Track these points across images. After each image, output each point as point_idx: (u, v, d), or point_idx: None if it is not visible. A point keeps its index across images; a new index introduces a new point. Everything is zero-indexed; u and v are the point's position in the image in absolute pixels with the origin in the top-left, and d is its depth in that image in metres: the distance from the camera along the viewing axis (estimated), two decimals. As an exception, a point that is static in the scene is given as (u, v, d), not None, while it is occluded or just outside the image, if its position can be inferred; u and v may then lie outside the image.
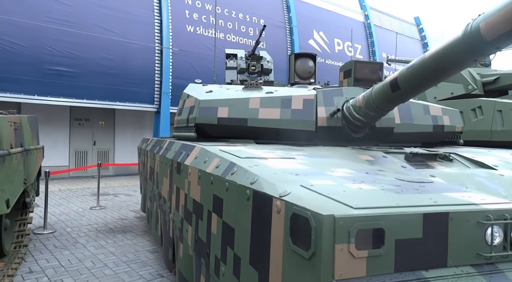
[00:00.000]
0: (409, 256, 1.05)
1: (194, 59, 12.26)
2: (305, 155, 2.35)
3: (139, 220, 6.09)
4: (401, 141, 3.47)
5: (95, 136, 12.10)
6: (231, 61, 5.60)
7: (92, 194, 8.43)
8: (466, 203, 1.18)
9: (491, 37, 1.69)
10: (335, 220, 0.97)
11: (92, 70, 10.33)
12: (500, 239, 1.15)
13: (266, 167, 1.72)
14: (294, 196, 1.18)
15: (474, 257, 1.12)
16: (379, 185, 1.42)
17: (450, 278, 1.06)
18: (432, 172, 2.49)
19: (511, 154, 3.17)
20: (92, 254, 4.33)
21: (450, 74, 2.14)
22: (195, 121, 3.34)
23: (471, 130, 5.76)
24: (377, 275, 1.01)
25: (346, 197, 1.17)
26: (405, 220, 1.04)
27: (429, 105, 3.65)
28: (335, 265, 0.97)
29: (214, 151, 2.27)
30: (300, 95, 3.30)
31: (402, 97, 2.52)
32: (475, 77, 6.59)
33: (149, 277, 3.69)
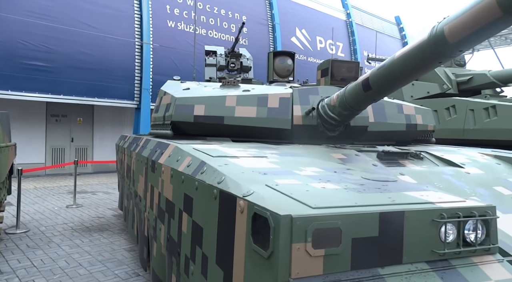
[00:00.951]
0: (365, 254, 1.08)
1: (175, 55, 12.13)
2: (278, 153, 2.38)
3: (116, 218, 6.02)
4: (375, 139, 3.54)
5: (73, 133, 11.84)
6: (210, 58, 5.58)
7: (69, 192, 8.26)
8: (423, 201, 1.23)
9: (454, 40, 1.74)
10: (292, 220, 0.99)
11: (70, 65, 10.09)
12: (453, 236, 1.20)
13: (235, 166, 1.73)
14: (256, 196, 1.20)
15: (428, 254, 1.16)
16: (343, 184, 1.45)
17: (404, 274, 1.10)
18: (402, 170, 2.56)
19: (479, 152, 3.28)
20: (66, 253, 4.25)
21: (418, 75, 2.19)
22: (171, 119, 3.32)
23: (445, 129, 5.93)
24: (333, 273, 1.04)
25: (307, 196, 1.19)
26: (362, 219, 1.07)
27: (402, 104, 3.73)
28: (292, 264, 0.99)
29: (187, 149, 2.27)
30: (276, 94, 3.32)
31: (374, 97, 2.57)
32: (450, 77, 6.77)
33: (125, 276, 3.66)
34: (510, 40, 27.27)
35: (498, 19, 1.53)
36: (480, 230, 1.24)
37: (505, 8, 1.46)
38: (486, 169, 2.77)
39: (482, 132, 5.29)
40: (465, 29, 1.67)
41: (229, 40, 13.76)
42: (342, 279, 1.03)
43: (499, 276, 1.18)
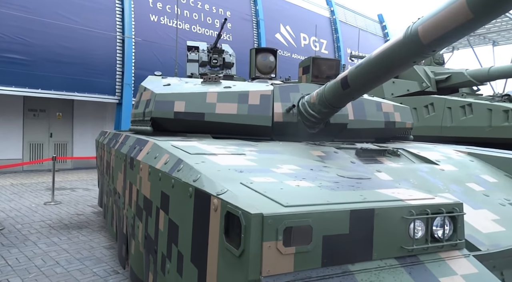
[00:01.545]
0: (336, 251, 1.10)
1: (158, 50, 11.96)
2: (256, 150, 2.38)
3: (96, 215, 5.92)
4: (355, 137, 3.59)
5: (51, 128, 11.56)
6: (192, 54, 5.52)
7: (48, 188, 8.07)
8: (393, 199, 1.25)
9: (427, 40, 1.78)
10: (264, 219, 1.00)
11: (48, 59, 9.82)
12: (422, 232, 1.23)
13: (212, 164, 1.73)
14: (230, 194, 1.20)
15: (398, 250, 1.19)
16: (318, 182, 1.46)
17: (373, 270, 1.12)
18: (379, 167, 2.61)
19: (454, 149, 3.37)
20: (43, 251, 4.17)
21: (394, 73, 2.23)
22: (151, 115, 3.29)
23: (424, 126, 6.06)
24: (304, 270, 1.05)
25: (280, 194, 1.20)
26: (333, 217, 1.09)
27: (381, 102, 3.78)
28: (263, 262, 1.00)
29: (165, 146, 2.25)
30: (257, 91, 3.32)
31: (352, 95, 2.60)
32: (429, 75, 6.91)
33: (104, 274, 3.61)
34: (488, 40, 27.98)
35: (469, 21, 1.57)
36: (448, 226, 1.28)
37: (475, 11, 1.50)
38: (460, 166, 2.86)
39: (459, 129, 5.43)
40: (438, 30, 1.70)
41: (213, 35, 13.65)
42: (312, 276, 1.05)
43: (465, 270, 1.22)
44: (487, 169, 2.90)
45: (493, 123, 4.97)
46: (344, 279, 1.07)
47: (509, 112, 4.83)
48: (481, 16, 1.51)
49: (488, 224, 2.04)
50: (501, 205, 2.31)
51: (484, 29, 27.30)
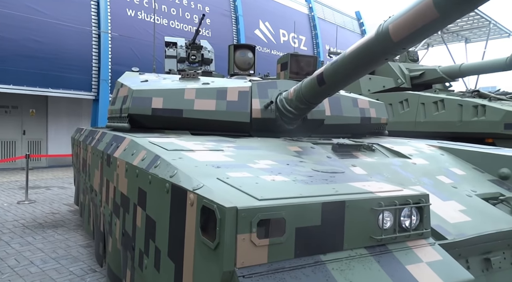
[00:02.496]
0: (308, 242, 1.14)
1: (136, 46, 11.75)
2: (234, 146, 2.40)
3: (72, 213, 5.81)
4: (332, 132, 3.66)
5: (24, 125, 11.20)
6: (170, 50, 5.47)
7: (21, 187, 7.84)
8: (363, 191, 1.30)
9: (397, 38, 1.84)
10: (238, 212, 1.03)
11: (20, 54, 9.48)
12: (390, 223, 1.29)
13: (189, 159, 1.74)
14: (206, 189, 1.22)
15: (368, 240, 1.25)
16: (293, 176, 1.50)
17: (344, 260, 1.17)
18: (354, 162, 2.68)
19: (426, 144, 3.49)
20: (16, 251, 4.07)
21: (367, 70, 2.29)
22: (128, 111, 3.25)
23: (399, 122, 6.23)
24: (278, 262, 1.09)
25: (255, 189, 1.23)
26: (305, 209, 1.13)
27: (357, 98, 3.87)
28: (237, 254, 1.03)
29: (142, 143, 2.24)
30: (236, 87, 3.34)
31: (328, 91, 2.65)
32: (404, 72, 7.09)
33: (80, 273, 3.56)
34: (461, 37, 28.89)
35: (435, 20, 1.63)
36: (415, 217, 1.34)
37: (441, 10, 1.57)
38: (431, 160, 2.97)
39: (432, 124, 5.62)
40: (407, 28, 1.76)
41: (192, 31, 13.52)
42: (285, 266, 1.09)
43: (430, 258, 1.29)
44: (456, 162, 3.02)
45: (463, 118, 5.17)
46: (316, 269, 1.11)
47: (478, 108, 5.03)
48: (447, 15, 1.58)
49: (455, 215, 2.14)
50: (468, 196, 2.42)
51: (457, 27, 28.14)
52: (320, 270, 1.11)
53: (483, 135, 5.02)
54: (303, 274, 1.08)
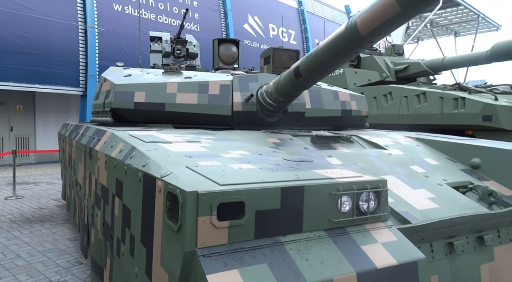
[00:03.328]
0: (268, 224, 1.21)
1: (123, 41, 11.68)
2: (213, 138, 2.47)
3: (60, 208, 5.83)
4: (313, 125, 3.74)
5: (12, 122, 11.11)
6: (155, 44, 5.49)
7: (9, 183, 7.81)
8: (323, 177, 1.38)
9: (364, 32, 1.91)
10: (198, 196, 1.09)
11: (4, 49, 9.38)
12: (349, 206, 1.37)
13: (164, 150, 1.80)
14: (173, 176, 1.29)
15: (326, 222, 1.32)
16: (261, 164, 1.57)
17: (302, 241, 1.25)
18: (331, 153, 2.76)
19: (404, 135, 3.59)
20: (3, 245, 4.09)
21: (340, 63, 2.36)
22: (111, 106, 3.29)
23: (383, 114, 6.34)
24: (238, 242, 1.16)
25: (220, 175, 1.30)
26: (265, 194, 1.20)
27: (338, 91, 3.95)
28: (198, 235, 1.09)
29: (121, 135, 2.29)
30: (217, 81, 3.39)
31: (305, 84, 2.72)
32: (389, 65, 7.19)
33: (67, 265, 3.61)
34: (451, 31, 29.17)
35: (398, 14, 1.71)
36: (373, 201, 1.42)
37: (402, 5, 1.64)
38: (406, 150, 3.06)
39: (414, 117, 5.73)
40: (373, 22, 1.84)
41: (180, 25, 13.45)
42: (245, 247, 1.16)
43: (385, 239, 1.37)
44: (431, 153, 3.12)
45: (444, 110, 5.29)
46: (274, 249, 1.19)
47: (458, 100, 5.15)
48: (408, 9, 1.66)
49: (424, 202, 2.24)
50: (438, 184, 2.52)
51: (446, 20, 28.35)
52: (278, 250, 1.19)
53: (463, 127, 5.14)
54: (261, 253, 1.16)
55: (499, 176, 2.72)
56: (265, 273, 1.10)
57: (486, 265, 2.15)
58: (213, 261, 1.08)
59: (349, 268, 1.20)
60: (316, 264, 1.18)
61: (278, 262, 1.15)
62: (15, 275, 3.36)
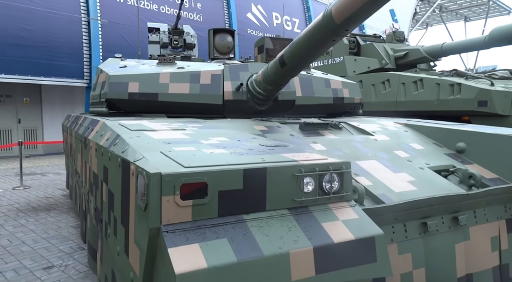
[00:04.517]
0: (231, 203, 1.30)
1: (126, 32, 11.73)
2: (200, 126, 2.56)
3: (65, 197, 6.01)
4: (304, 113, 3.80)
5: (19, 114, 11.35)
6: (153, 35, 5.56)
7: (17, 174, 8.04)
8: (288, 160, 1.46)
9: (339, 20, 1.97)
10: (162, 177, 1.19)
11: (9, 43, 9.54)
12: (312, 187, 1.45)
13: (146, 137, 1.90)
14: (144, 160, 1.38)
15: (290, 202, 1.41)
16: (234, 149, 1.66)
17: (265, 218, 1.34)
18: (316, 139, 2.83)
19: (393, 121, 3.64)
20: (9, 232, 4.28)
21: (320, 51, 2.41)
22: (106, 96, 3.39)
23: (382, 102, 6.35)
24: (202, 220, 1.25)
25: (188, 159, 1.39)
26: (227, 175, 1.29)
27: (330, 79, 3.99)
28: (162, 213, 1.19)
29: (111, 125, 2.39)
30: (208, 71, 3.46)
31: (290, 72, 2.78)
32: (388, 52, 7.16)
33: (69, 251, 3.77)
34: (460, 15, 28.58)
35: (367, 3, 1.76)
36: (337, 182, 1.50)
37: None
38: (393, 136, 3.12)
39: (412, 103, 5.74)
40: (346, 10, 1.89)
41: (183, 16, 13.46)
42: (208, 224, 1.25)
43: (346, 217, 1.45)
44: (418, 138, 3.17)
45: (440, 97, 5.28)
46: (236, 226, 1.28)
47: (454, 86, 5.14)
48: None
49: (402, 185, 2.31)
50: (420, 168, 2.58)
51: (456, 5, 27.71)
52: (240, 227, 1.28)
53: (459, 113, 5.15)
54: (223, 229, 1.25)
55: (482, 160, 2.77)
56: (224, 246, 1.19)
57: (461, 244, 2.23)
58: (176, 236, 1.18)
59: (306, 243, 1.29)
60: (275, 239, 1.27)
61: (239, 237, 1.24)
62: (20, 260, 3.53)
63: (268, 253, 1.21)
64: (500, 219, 2.41)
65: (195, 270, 1.09)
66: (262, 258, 1.19)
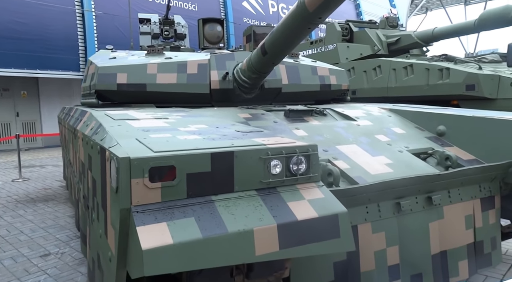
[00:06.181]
0: (200, 185, 1.38)
1: (121, 23, 11.72)
2: (183, 115, 2.62)
3: (63, 189, 6.13)
4: (291, 100, 3.86)
5: (17, 107, 11.43)
6: (144, 26, 5.58)
7: (16, 166, 8.14)
8: (256, 144, 1.53)
9: (312, 9, 2.02)
10: (130, 161, 1.26)
11: (4, 36, 9.56)
12: (280, 169, 1.52)
13: (127, 126, 1.98)
14: (117, 146, 1.45)
15: (257, 183, 1.49)
16: (208, 135, 1.73)
17: (232, 199, 1.42)
18: (299, 125, 2.90)
19: (378, 107, 3.70)
20: (8, 223, 4.40)
21: (298, 39, 2.46)
22: (95, 88, 3.45)
23: (373, 88, 6.40)
24: (171, 201, 1.34)
25: (159, 144, 1.46)
26: (195, 159, 1.36)
27: (316, 66, 4.03)
28: (132, 195, 1.27)
29: (97, 115, 2.46)
30: (195, 60, 3.52)
31: (272, 60, 2.83)
32: (381, 38, 7.17)
33: (66, 239, 3.89)
34: (460, -1, 28.21)
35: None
36: (304, 164, 1.58)
37: None
38: (376, 121, 3.18)
39: (402, 89, 5.78)
40: None
41: (177, 5, 13.42)
42: (177, 204, 1.34)
43: (312, 196, 1.53)
44: (400, 122, 3.24)
45: (430, 81, 5.32)
46: (204, 206, 1.36)
47: (443, 71, 5.17)
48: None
49: (380, 167, 2.38)
50: (399, 151, 2.65)
51: (455, -11, 27.25)
52: (207, 207, 1.36)
53: (448, 97, 5.19)
54: (191, 209, 1.33)
55: (462, 142, 2.85)
56: (190, 224, 1.27)
57: (435, 222, 2.32)
58: (145, 216, 1.26)
59: (270, 220, 1.37)
60: (240, 217, 1.35)
61: (205, 216, 1.32)
62: (17, 249, 3.65)
63: (233, 230, 1.30)
64: (475, 198, 2.49)
65: (161, 246, 1.18)
66: (226, 234, 1.28)
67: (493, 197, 2.61)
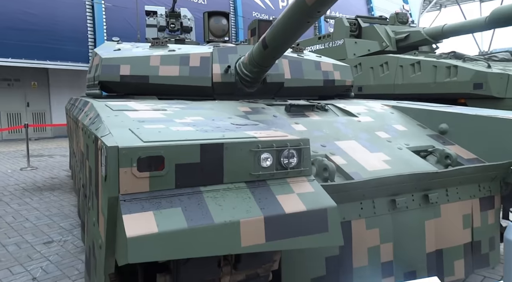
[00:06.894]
0: (189, 176, 1.39)
1: (131, 16, 11.74)
2: (182, 107, 2.64)
3: (69, 178, 6.22)
4: (293, 95, 3.83)
5: (28, 98, 11.60)
6: (151, 19, 5.59)
7: (25, 155, 8.29)
8: (246, 137, 1.54)
9: (310, 2, 2.01)
10: (119, 150, 1.28)
11: (14, 27, 9.68)
12: (270, 162, 1.53)
13: (124, 116, 2.00)
14: (109, 136, 1.47)
15: (247, 175, 1.49)
16: (202, 127, 1.74)
17: (221, 190, 1.43)
18: (299, 120, 2.89)
19: (381, 103, 3.66)
20: (14, 210, 4.49)
21: (298, 33, 2.44)
22: (99, 79, 3.49)
23: (380, 85, 6.33)
24: (159, 190, 1.35)
25: (150, 135, 1.47)
26: (184, 149, 1.37)
27: (320, 61, 4.00)
28: (120, 183, 1.29)
29: (97, 105, 2.49)
30: (198, 53, 3.52)
31: (273, 54, 2.82)
32: (389, 35, 7.08)
33: (69, 227, 3.96)
34: (475, -5, 27.65)
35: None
36: (295, 157, 1.58)
37: None
38: (378, 118, 3.15)
39: (409, 86, 5.71)
40: (315, -8, 1.93)
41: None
42: (165, 194, 1.35)
43: (302, 190, 1.53)
44: (403, 120, 3.20)
45: (437, 79, 5.24)
46: (192, 196, 1.37)
47: (451, 69, 5.09)
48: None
49: (377, 164, 2.37)
50: (398, 148, 2.63)
51: (473, -13, 26.72)
52: (195, 197, 1.37)
53: (455, 96, 5.11)
54: (178, 199, 1.35)
55: (463, 140, 2.81)
56: (177, 214, 1.29)
57: (431, 221, 2.30)
58: (132, 205, 1.28)
59: (258, 212, 1.37)
60: (228, 209, 1.36)
61: (192, 206, 1.34)
62: (22, 235, 3.73)
63: (219, 221, 1.31)
64: (474, 198, 2.47)
65: (146, 234, 1.19)
66: (212, 225, 1.29)
67: (493, 197, 2.58)
